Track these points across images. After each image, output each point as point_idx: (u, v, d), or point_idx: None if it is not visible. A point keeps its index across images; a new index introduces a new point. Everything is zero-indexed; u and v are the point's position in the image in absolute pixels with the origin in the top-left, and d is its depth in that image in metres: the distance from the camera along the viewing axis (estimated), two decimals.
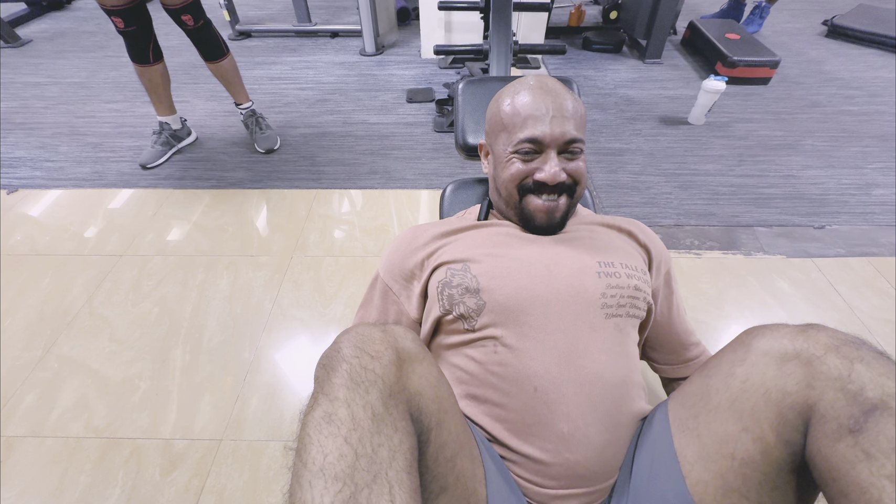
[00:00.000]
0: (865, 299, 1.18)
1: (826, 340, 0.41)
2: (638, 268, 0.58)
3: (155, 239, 1.38)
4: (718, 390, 0.46)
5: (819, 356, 0.40)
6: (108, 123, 1.94)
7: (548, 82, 0.62)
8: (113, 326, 1.14)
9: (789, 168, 1.65)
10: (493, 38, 1.71)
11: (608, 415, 0.50)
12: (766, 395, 0.42)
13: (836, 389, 0.38)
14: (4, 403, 0.98)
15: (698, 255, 1.31)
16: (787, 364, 0.41)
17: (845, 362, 0.39)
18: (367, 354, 0.41)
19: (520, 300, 0.54)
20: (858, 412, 0.37)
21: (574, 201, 0.62)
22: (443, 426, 0.44)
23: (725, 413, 0.44)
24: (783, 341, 0.43)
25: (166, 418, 0.96)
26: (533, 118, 0.59)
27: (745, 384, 0.43)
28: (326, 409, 0.38)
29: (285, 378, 1.03)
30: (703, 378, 0.49)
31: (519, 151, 0.60)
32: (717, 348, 1.00)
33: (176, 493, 0.85)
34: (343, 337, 0.44)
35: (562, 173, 0.58)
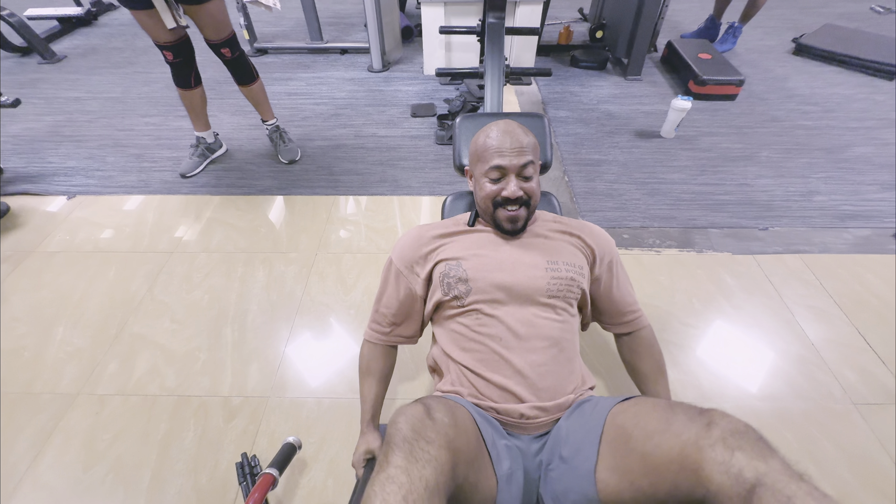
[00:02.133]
0: (793, 289, 1.43)
1: (718, 433, 0.52)
2: (576, 264, 0.83)
3: (199, 238, 1.63)
4: (638, 440, 0.60)
5: (711, 445, 0.52)
6: (146, 136, 2.19)
7: (510, 125, 0.87)
8: (172, 310, 1.39)
9: (744, 177, 1.89)
10: (488, 62, 1.96)
11: (546, 354, 0.76)
12: (669, 462, 0.55)
13: (721, 472, 0.49)
14: (92, 370, 1.23)
15: (658, 252, 1.56)
16: (688, 447, 0.54)
17: (728, 451, 0.50)
18: (423, 439, 0.54)
19: (494, 286, 0.80)
20: (743, 491, 0.47)
21: (531, 210, 0.87)
22: (470, 472, 0.60)
23: (637, 458, 0.59)
24: (692, 430, 0.55)
25: (224, 381, 1.21)
26: (498, 152, 0.83)
27: (658, 449, 0.57)
28: (390, 473, 0.50)
29: (316, 349, 1.28)
30: (633, 423, 0.63)
31: (489, 176, 0.85)
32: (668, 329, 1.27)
33: (237, 435, 1.10)
34: (401, 419, 0.57)
35: (519, 191, 0.83)
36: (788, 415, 1.13)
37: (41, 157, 2.04)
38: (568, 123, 2.27)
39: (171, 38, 1.58)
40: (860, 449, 1.06)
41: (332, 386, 1.19)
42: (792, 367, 1.23)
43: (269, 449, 1.06)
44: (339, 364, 1.25)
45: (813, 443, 1.07)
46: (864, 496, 0.99)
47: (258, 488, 0.80)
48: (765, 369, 1.23)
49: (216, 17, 1.60)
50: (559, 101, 2.47)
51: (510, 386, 0.75)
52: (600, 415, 0.69)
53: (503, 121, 0.89)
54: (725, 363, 1.24)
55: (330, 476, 1.03)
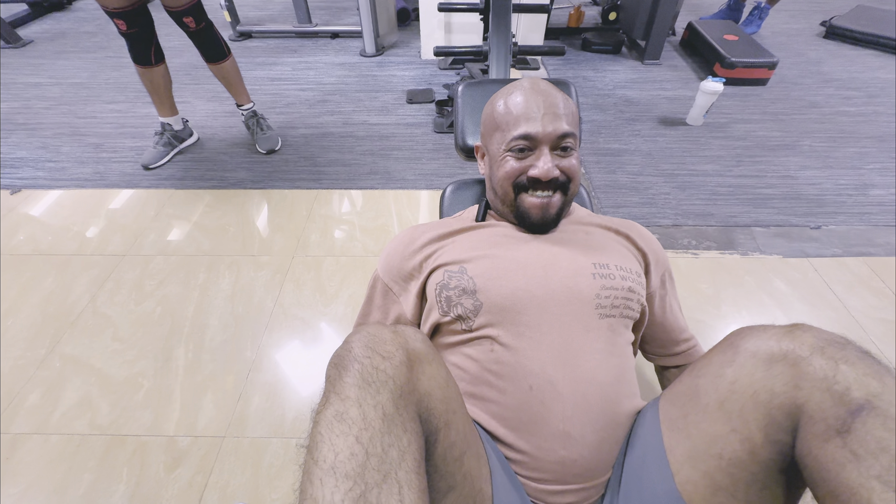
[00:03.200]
0: (861, 298, 1.20)
1: (811, 341, 0.41)
2: (633, 270, 0.59)
3: (157, 239, 1.39)
4: (707, 391, 0.46)
5: (805, 357, 0.40)
6: (109, 124, 1.95)
7: (539, 83, 0.63)
8: (116, 326, 1.15)
9: (787, 168, 1.66)
10: (493, 40, 1.72)
11: (602, 413, 0.51)
12: (755, 397, 0.42)
13: (822, 390, 0.38)
14: (8, 402, 1.00)
15: (696, 255, 1.33)
16: (774, 365, 0.42)
17: (830, 363, 0.39)
18: (378, 355, 0.41)
19: (515, 300, 0.55)
20: (845, 413, 0.37)
21: (569, 198, 0.63)
22: (451, 426, 0.44)
23: (714, 413, 0.45)
24: (770, 343, 0.43)
25: (170, 416, 0.97)
26: (525, 116, 0.60)
27: (734, 385, 0.44)
28: (338, 408, 0.39)
29: (287, 376, 1.04)
30: (693, 378, 0.49)
31: (513, 149, 0.61)
32: None
33: (180, 490, 0.86)
34: (354, 337, 0.44)
35: (555, 169, 0.59)
36: None
37: None
38: (583, 110, 2.03)
39: (123, 2, 1.34)
40: None
41: (304, 422, 0.96)
42: None
43: None
44: (314, 393, 1.01)
45: None
46: None
47: None
48: None
49: None
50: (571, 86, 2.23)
51: (546, 460, 0.50)
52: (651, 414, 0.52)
53: (529, 79, 0.65)
54: None
55: None
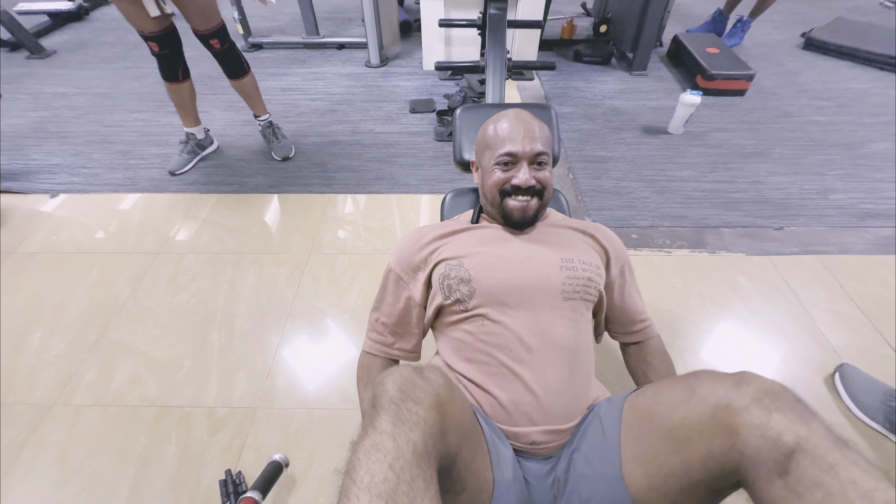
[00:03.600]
0: (812, 292, 1.35)
1: (751, 393, 0.48)
2: (593, 263, 0.75)
3: (187, 238, 1.55)
4: (662, 417, 0.55)
5: (745, 406, 0.47)
6: (134, 132, 2.11)
7: (522, 114, 0.81)
8: (156, 315, 1.31)
9: (757, 174, 1.81)
10: (489, 55, 1.88)
11: (563, 368, 0.68)
12: (700, 434, 0.50)
13: (757, 436, 0.45)
14: (69, 379, 1.16)
15: (669, 253, 1.48)
16: (719, 412, 0.49)
17: (765, 412, 0.46)
18: (410, 399, 0.49)
19: (501, 287, 0.71)
20: (781, 456, 0.43)
21: (544, 203, 0.80)
22: (464, 447, 0.57)
23: (663, 437, 0.54)
24: (719, 391, 0.50)
25: (208, 391, 1.13)
26: (509, 139, 0.77)
27: (684, 421, 0.52)
28: (375, 439, 0.46)
29: (308, 357, 1.20)
30: (654, 402, 0.59)
31: (500, 164, 0.78)
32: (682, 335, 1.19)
33: (221, 450, 1.02)
34: (388, 379, 0.52)
35: (532, 179, 0.76)
36: None
37: (24, 154, 1.96)
38: (572, 119, 2.19)
39: (156, 27, 1.50)
40: (888, 462, 0.99)
41: (324, 396, 1.12)
42: (814, 375, 1.15)
43: (256, 464, 0.98)
44: (333, 372, 1.17)
45: None
46: None
47: None
48: (786, 378, 1.15)
49: (203, 6, 1.51)
50: (563, 96, 2.39)
51: (521, 406, 0.67)
52: (616, 409, 0.63)
53: (513, 109, 0.82)
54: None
55: (321, 494, 0.95)
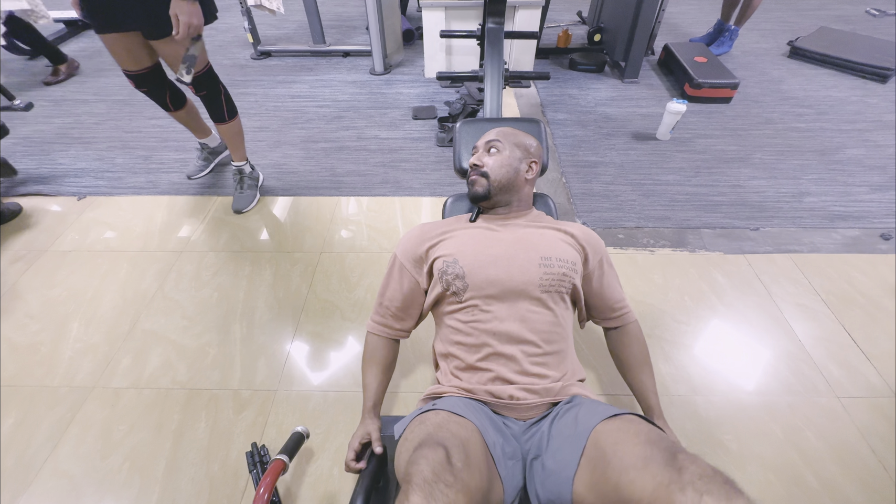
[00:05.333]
0: (782, 287, 1.48)
1: (688, 477, 0.55)
2: (569, 260, 0.88)
3: (207, 238, 1.68)
4: (615, 470, 0.63)
5: (681, 488, 0.54)
6: (153, 138, 2.24)
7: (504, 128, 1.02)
8: (183, 307, 1.44)
9: (738, 179, 1.94)
10: (488, 66, 2.01)
11: (537, 345, 0.82)
12: (639, 501, 0.58)
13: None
14: (107, 364, 1.28)
15: (652, 251, 1.61)
16: (660, 488, 0.56)
17: (696, 494, 0.53)
18: (442, 482, 0.57)
19: (489, 282, 0.85)
20: None
21: (493, 182, 0.95)
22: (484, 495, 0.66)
23: (612, 487, 0.62)
24: (666, 472, 0.57)
25: (233, 375, 1.26)
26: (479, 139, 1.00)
27: (631, 485, 0.59)
28: None
29: (322, 345, 1.33)
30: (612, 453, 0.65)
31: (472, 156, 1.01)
32: (661, 326, 1.34)
33: (246, 426, 1.15)
34: (423, 462, 0.59)
35: (479, 160, 0.96)
36: (776, 408, 1.18)
37: (51, 158, 2.09)
38: (566, 126, 2.32)
39: (134, 66, 1.45)
40: (843, 441, 1.11)
41: (336, 380, 1.24)
42: (780, 362, 1.28)
43: (278, 439, 1.11)
44: (344, 359, 1.30)
45: (798, 434, 1.12)
46: (847, 486, 1.03)
47: (269, 473, 0.85)
48: (754, 365, 1.27)
49: (173, 55, 1.40)
50: (558, 103, 2.51)
51: (503, 374, 0.80)
52: (586, 429, 0.72)
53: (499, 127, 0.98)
54: (716, 359, 1.29)
55: (336, 465, 1.07)
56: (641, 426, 0.69)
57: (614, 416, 0.72)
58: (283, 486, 1.03)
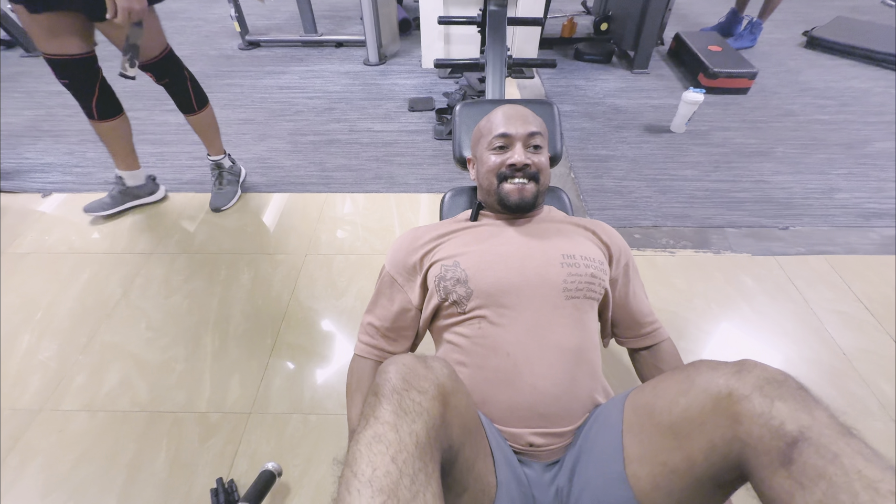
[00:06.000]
0: (819, 292, 1.33)
1: (753, 381, 0.47)
2: (596, 259, 0.72)
3: (180, 238, 1.52)
4: (662, 412, 0.54)
5: (746, 395, 0.46)
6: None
7: (516, 105, 0.81)
8: (149, 316, 1.28)
9: (760, 173, 1.79)
10: (489, 53, 1.86)
11: (564, 371, 0.65)
12: (701, 427, 0.49)
13: (760, 426, 0.44)
14: (58, 383, 1.12)
15: (672, 253, 1.46)
16: (720, 401, 0.48)
17: (767, 400, 0.45)
18: (414, 389, 0.48)
19: (499, 287, 0.68)
20: (784, 445, 0.42)
21: (541, 188, 0.78)
22: (466, 445, 0.54)
23: (665, 432, 0.53)
24: (719, 381, 0.49)
25: (201, 395, 1.10)
26: (503, 123, 0.78)
27: (685, 413, 0.51)
28: (377, 430, 0.44)
29: (304, 360, 1.17)
30: (653, 397, 0.57)
31: (494, 148, 0.78)
32: (686, 337, 1.15)
33: (213, 457, 0.99)
34: (391, 368, 0.51)
35: (526, 158, 0.75)
36: None
37: (17, 152, 1.93)
38: (573, 118, 2.16)
39: (55, 49, 1.19)
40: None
41: (319, 401, 1.09)
42: (822, 378, 1.13)
43: (249, 472, 0.95)
44: (329, 376, 1.14)
45: None
46: None
47: None
48: None
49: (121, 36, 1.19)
50: (563, 95, 2.36)
51: (517, 411, 0.64)
52: (617, 410, 0.61)
53: (508, 104, 0.81)
54: None
55: (316, 502, 0.92)
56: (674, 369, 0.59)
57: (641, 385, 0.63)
58: None
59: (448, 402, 0.50)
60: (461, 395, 0.54)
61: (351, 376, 0.80)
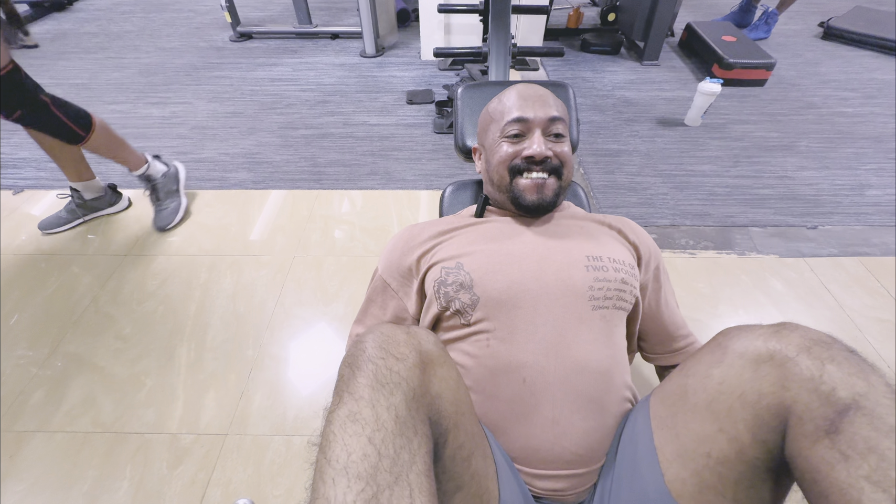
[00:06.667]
0: (857, 298, 1.21)
1: (798, 341, 0.41)
2: (626, 262, 0.60)
3: (158, 239, 1.41)
4: (696, 391, 0.46)
5: (792, 357, 0.40)
6: (111, 124, 1.95)
7: (531, 84, 0.68)
8: (119, 325, 1.16)
9: (784, 169, 1.67)
10: (492, 41, 1.74)
11: (592, 401, 0.53)
12: (742, 398, 0.42)
13: (809, 391, 0.39)
14: (13, 400, 1.01)
15: (693, 254, 1.34)
16: (761, 366, 0.42)
17: (816, 363, 0.39)
18: (391, 356, 0.42)
19: (511, 294, 0.56)
20: (833, 413, 0.37)
21: (563, 184, 0.66)
22: (460, 427, 0.45)
23: (702, 413, 0.45)
24: (757, 343, 0.43)
25: (172, 414, 0.98)
26: (518, 105, 0.65)
27: (722, 386, 0.44)
28: (351, 407, 0.39)
29: (289, 375, 1.05)
30: (682, 377, 0.50)
31: (507, 135, 0.65)
32: None
33: (182, 487, 0.87)
34: (368, 336, 0.45)
35: (547, 150, 0.62)
36: None
37: None
38: (581, 111, 2.04)
39: None
40: None
41: (305, 420, 0.97)
42: None
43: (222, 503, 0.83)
44: (316, 392, 1.02)
45: None
46: None
47: None
48: None
49: None
50: None
51: (538, 451, 0.52)
52: (643, 412, 0.52)
53: (521, 83, 0.68)
54: None
55: None
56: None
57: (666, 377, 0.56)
58: None
59: (432, 370, 0.44)
60: (448, 367, 0.47)
61: None
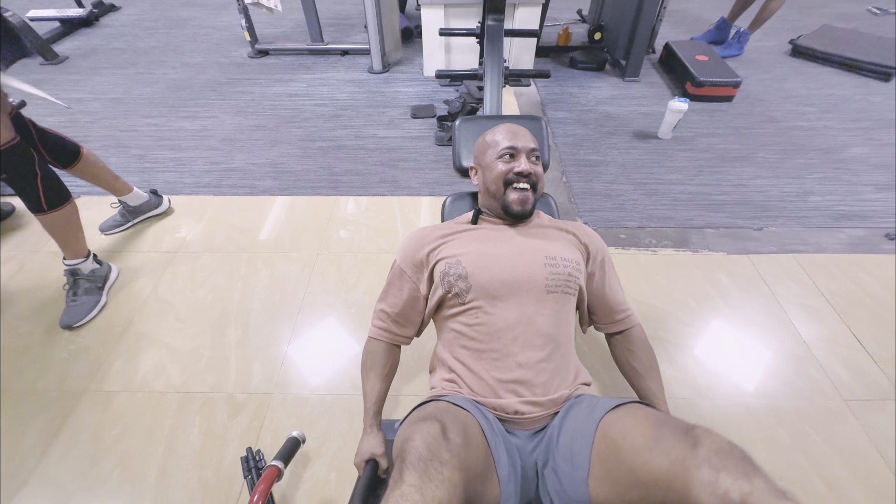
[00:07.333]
0: (787, 288, 1.45)
1: (704, 453, 0.54)
2: (574, 260, 0.86)
3: (203, 238, 1.65)
4: (627, 455, 0.62)
5: (697, 465, 0.53)
6: (148, 137, 2.21)
7: (515, 125, 0.96)
8: (176, 309, 1.41)
9: (741, 178, 1.91)
10: (487, 64, 1.98)
11: (543, 349, 0.79)
12: (657, 483, 0.57)
13: (708, 493, 0.50)
14: (99, 367, 1.25)
15: (655, 252, 1.58)
16: (675, 465, 0.55)
17: (713, 471, 0.51)
18: (437, 460, 0.55)
19: (493, 283, 0.82)
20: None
21: (537, 196, 0.92)
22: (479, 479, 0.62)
23: (627, 472, 0.61)
24: (678, 447, 0.56)
25: (227, 378, 1.23)
26: (510, 138, 0.92)
27: (646, 466, 0.59)
28: (404, 491, 0.52)
29: (318, 348, 1.30)
30: (622, 438, 0.64)
31: (502, 157, 0.91)
32: (665, 328, 1.30)
33: (241, 431, 1.12)
34: (417, 436, 0.58)
35: (531, 168, 0.89)
36: (782, 412, 1.15)
37: None
38: (566, 124, 2.29)
39: None
40: (851, 445, 1.08)
41: (334, 383, 1.22)
42: (786, 364, 1.25)
43: (273, 444, 1.08)
44: (341, 362, 1.27)
45: (806, 439, 1.10)
46: (855, 490, 1.01)
47: (264, 480, 0.82)
48: (759, 367, 1.25)
49: None
50: (558, 102, 2.49)
51: (507, 384, 0.77)
52: (592, 423, 0.70)
53: (508, 123, 0.95)
54: (721, 361, 1.26)
55: (332, 470, 1.05)
56: (648, 410, 0.69)
57: (619, 406, 0.71)
58: (279, 493, 1.00)
59: (465, 467, 0.58)
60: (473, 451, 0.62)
61: (366, 356, 0.93)
